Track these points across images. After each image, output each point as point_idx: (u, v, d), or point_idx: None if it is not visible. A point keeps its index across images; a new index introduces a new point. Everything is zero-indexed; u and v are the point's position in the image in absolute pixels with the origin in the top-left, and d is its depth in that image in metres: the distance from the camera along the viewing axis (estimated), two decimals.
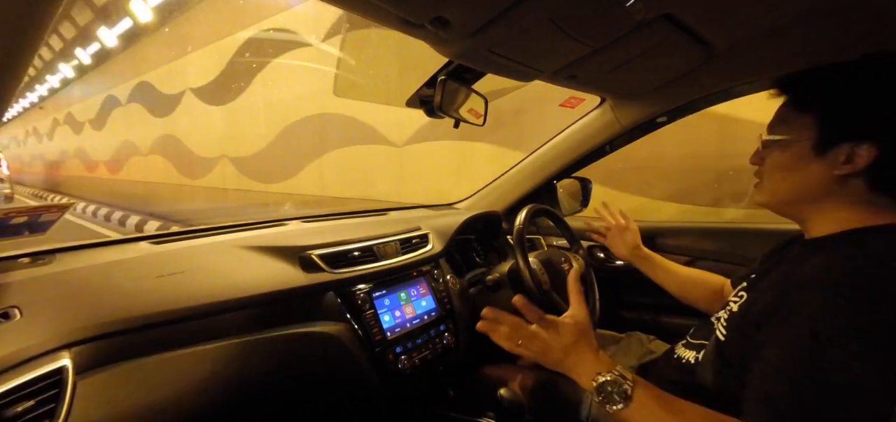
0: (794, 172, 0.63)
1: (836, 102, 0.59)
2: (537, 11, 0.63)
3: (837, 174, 0.58)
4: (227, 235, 0.96)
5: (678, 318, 1.23)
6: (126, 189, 9.92)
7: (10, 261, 0.75)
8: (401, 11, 0.62)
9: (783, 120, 0.65)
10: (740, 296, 0.68)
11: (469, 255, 1.37)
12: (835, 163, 0.58)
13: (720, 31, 0.81)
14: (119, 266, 0.75)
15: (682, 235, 1.34)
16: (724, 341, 0.65)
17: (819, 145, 0.59)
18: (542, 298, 0.96)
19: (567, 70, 0.89)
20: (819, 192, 0.61)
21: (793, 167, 0.63)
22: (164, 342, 0.68)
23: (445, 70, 0.93)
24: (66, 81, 13.31)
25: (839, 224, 0.61)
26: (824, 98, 0.60)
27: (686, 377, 0.74)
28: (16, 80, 0.45)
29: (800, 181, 0.63)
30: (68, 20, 10.07)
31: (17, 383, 0.54)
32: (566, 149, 1.33)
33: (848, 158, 0.57)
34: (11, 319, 0.60)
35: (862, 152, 0.56)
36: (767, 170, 0.67)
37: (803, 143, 0.61)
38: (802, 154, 0.61)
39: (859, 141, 0.56)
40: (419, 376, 0.98)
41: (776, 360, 0.53)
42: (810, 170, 0.61)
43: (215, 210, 7.04)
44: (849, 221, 0.60)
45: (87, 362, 0.60)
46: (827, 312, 0.51)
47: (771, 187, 0.67)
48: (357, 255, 0.99)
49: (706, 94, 1.09)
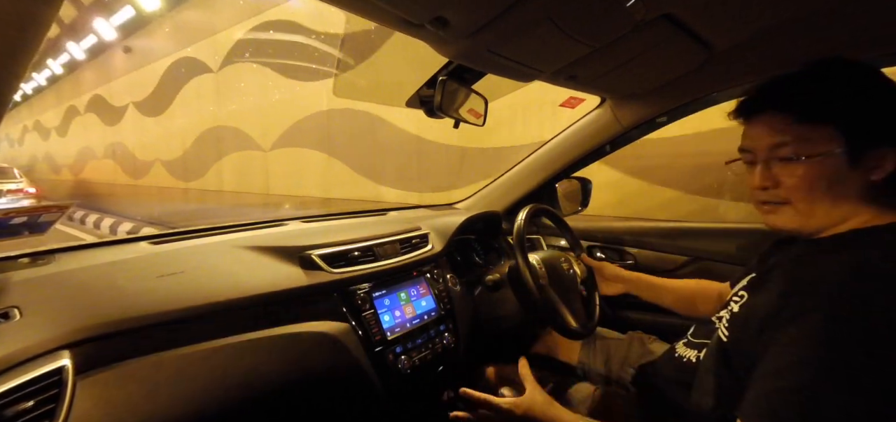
0: (833, 187, 0.58)
1: (862, 108, 0.57)
2: (537, 11, 0.63)
3: (873, 180, 0.57)
4: (226, 235, 0.96)
5: (679, 318, 1.23)
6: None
7: (10, 261, 0.74)
8: (401, 11, 0.62)
9: (796, 135, 0.59)
10: (741, 296, 0.68)
11: (469, 255, 1.37)
12: (868, 169, 0.57)
13: (720, 31, 0.81)
14: (119, 266, 0.75)
15: (682, 236, 1.34)
16: (726, 341, 0.65)
17: (851, 155, 0.57)
18: (541, 299, 0.96)
19: (567, 70, 0.89)
20: (856, 200, 0.59)
21: (832, 182, 0.58)
22: (165, 342, 0.68)
23: (445, 70, 0.93)
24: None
25: (848, 222, 0.59)
26: (846, 105, 0.58)
27: (687, 377, 0.74)
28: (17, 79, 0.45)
29: (839, 194, 0.59)
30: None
31: (17, 384, 0.54)
32: (566, 149, 1.33)
33: (878, 161, 0.56)
34: (11, 319, 0.60)
35: (889, 155, 0.56)
36: (796, 190, 0.60)
37: (833, 153, 0.57)
38: (839, 166, 0.58)
39: (885, 145, 0.56)
40: (419, 376, 0.98)
41: (779, 363, 0.52)
42: (849, 179, 0.58)
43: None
44: (857, 219, 0.59)
45: (86, 362, 0.60)
46: (831, 317, 0.50)
47: (807, 207, 0.61)
48: (357, 255, 0.99)
49: (706, 95, 1.09)
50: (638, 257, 1.39)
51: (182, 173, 8.68)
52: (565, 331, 0.98)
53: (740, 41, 0.85)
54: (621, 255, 1.43)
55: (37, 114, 16.03)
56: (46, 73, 13.31)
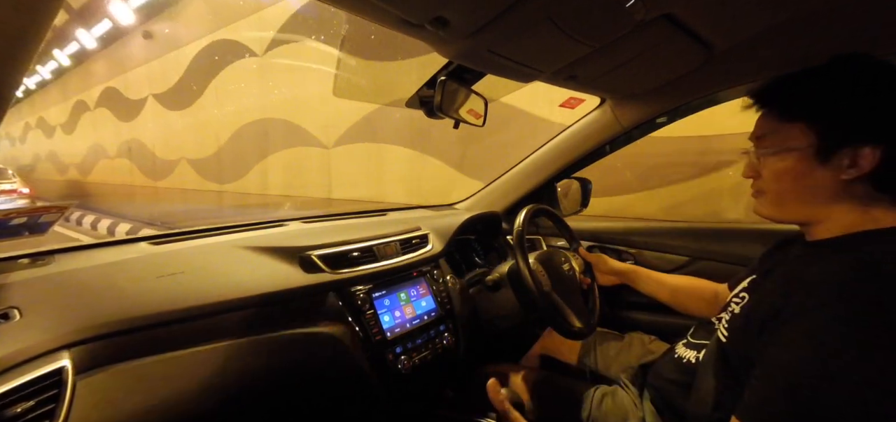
0: (799, 181, 0.62)
1: (832, 107, 0.58)
2: (537, 11, 0.63)
3: (844, 179, 0.58)
4: (226, 235, 0.96)
5: (679, 318, 1.23)
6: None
7: (10, 261, 0.74)
8: (401, 12, 0.62)
9: (773, 130, 0.64)
10: (742, 297, 0.68)
11: (469, 255, 1.37)
12: (839, 167, 0.58)
13: (720, 32, 0.81)
14: (119, 267, 0.75)
15: (682, 236, 1.34)
16: (726, 341, 0.65)
17: (821, 151, 0.58)
18: (541, 299, 0.96)
19: (567, 70, 0.89)
20: (826, 197, 0.60)
21: (798, 176, 0.61)
22: (165, 343, 0.68)
23: (445, 70, 0.93)
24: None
25: (845, 227, 0.60)
26: (817, 103, 0.59)
27: (687, 377, 0.74)
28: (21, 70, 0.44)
29: (806, 189, 0.61)
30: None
31: (17, 384, 0.54)
32: (566, 149, 1.33)
33: (852, 161, 0.57)
34: (11, 319, 0.60)
35: (866, 155, 0.56)
36: (769, 181, 0.65)
37: (804, 150, 0.60)
38: (805, 162, 0.60)
39: (861, 144, 0.56)
40: (419, 376, 0.98)
41: (777, 363, 0.52)
42: (816, 177, 0.60)
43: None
44: (855, 223, 0.59)
45: (86, 363, 0.60)
46: (831, 318, 0.50)
47: (777, 198, 0.65)
48: (357, 255, 0.99)
49: (706, 95, 1.09)
50: (637, 258, 1.39)
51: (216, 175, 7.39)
52: (568, 332, 0.98)
53: (740, 41, 0.85)
54: (621, 255, 1.43)
55: (40, 110, 15.12)
56: (51, 66, 12.39)
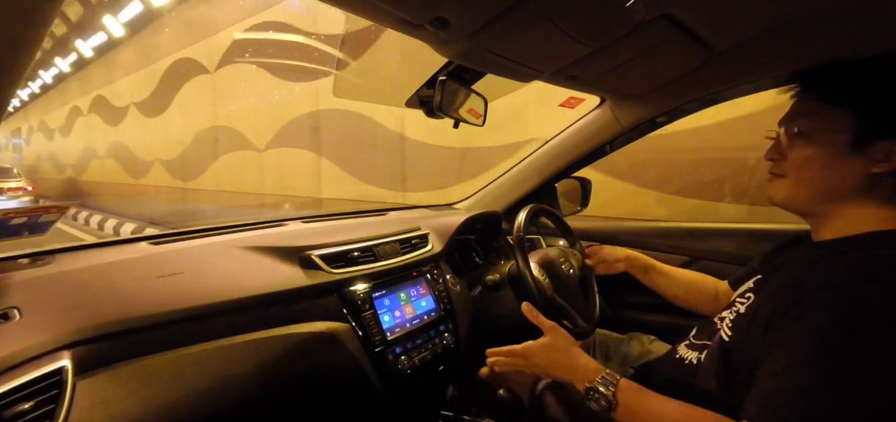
0: (826, 168, 0.60)
1: (877, 97, 0.57)
2: (537, 11, 0.62)
3: (874, 172, 0.56)
4: (226, 235, 0.96)
5: (679, 318, 1.23)
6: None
7: (10, 261, 0.74)
8: (400, 12, 0.62)
9: (810, 114, 0.61)
10: (747, 297, 0.67)
11: (469, 255, 1.37)
12: (872, 159, 0.57)
13: (720, 31, 0.81)
14: (119, 267, 0.75)
15: (682, 236, 1.34)
16: (729, 342, 0.65)
17: (857, 140, 0.57)
18: (543, 303, 0.96)
19: (567, 70, 0.89)
20: (850, 190, 0.59)
21: (826, 163, 0.60)
22: (164, 343, 0.68)
23: (445, 70, 0.93)
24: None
25: (854, 226, 0.59)
26: (863, 92, 0.58)
27: (688, 378, 0.74)
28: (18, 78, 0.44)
29: (832, 178, 0.60)
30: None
31: (17, 384, 0.54)
32: (566, 149, 1.33)
33: (886, 154, 0.56)
34: (11, 319, 0.60)
35: None
36: (794, 165, 0.63)
37: (838, 137, 0.58)
38: (838, 149, 0.58)
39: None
40: (419, 376, 0.98)
41: (784, 362, 0.52)
42: (845, 166, 0.58)
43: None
44: (866, 222, 0.58)
45: (86, 363, 0.60)
46: (837, 319, 0.49)
47: (798, 184, 0.63)
48: (357, 255, 0.99)
49: (706, 95, 1.09)
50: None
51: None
52: (568, 332, 0.97)
53: (740, 41, 0.85)
54: None
55: (42, 114, 16.22)
56: (53, 72, 13.50)
